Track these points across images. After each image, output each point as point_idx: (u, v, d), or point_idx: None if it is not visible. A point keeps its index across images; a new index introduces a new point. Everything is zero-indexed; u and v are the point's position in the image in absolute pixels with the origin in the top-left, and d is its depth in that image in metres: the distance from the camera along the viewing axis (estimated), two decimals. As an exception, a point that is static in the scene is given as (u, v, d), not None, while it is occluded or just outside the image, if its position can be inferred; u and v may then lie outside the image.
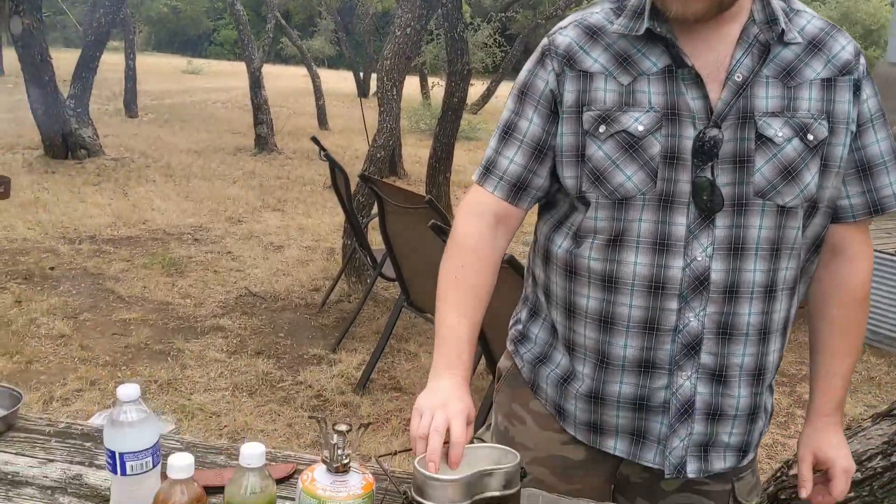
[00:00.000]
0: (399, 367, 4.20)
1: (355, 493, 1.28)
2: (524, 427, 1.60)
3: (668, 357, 1.41)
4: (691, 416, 1.44)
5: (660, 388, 1.43)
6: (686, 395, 1.43)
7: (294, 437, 3.47)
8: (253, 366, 4.11)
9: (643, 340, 1.42)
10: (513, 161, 1.46)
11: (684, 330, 1.40)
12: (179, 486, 1.14)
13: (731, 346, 1.41)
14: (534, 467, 1.59)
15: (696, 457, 1.46)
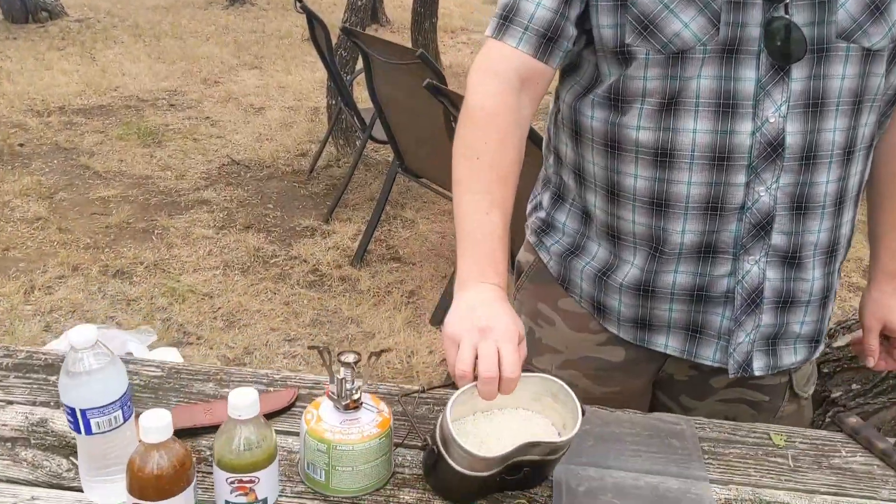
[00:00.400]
0: (396, 235, 4.00)
1: (369, 433, 1.08)
2: (553, 329, 1.40)
3: (734, 240, 1.22)
4: (759, 306, 1.26)
5: (722, 275, 1.25)
6: (753, 282, 1.25)
7: (293, 317, 3.31)
8: (243, 241, 3.90)
9: (704, 223, 1.22)
10: (540, 4, 1.18)
11: (753, 207, 1.20)
12: (156, 451, 0.94)
13: (806, 222, 1.23)
14: (564, 371, 1.41)
15: (764, 351, 1.29)
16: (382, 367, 3.02)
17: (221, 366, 1.35)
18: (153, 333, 2.52)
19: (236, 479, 1.00)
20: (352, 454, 1.07)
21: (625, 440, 1.24)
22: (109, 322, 3.25)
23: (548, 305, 1.41)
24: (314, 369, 3.00)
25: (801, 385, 1.41)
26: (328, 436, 1.07)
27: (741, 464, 1.22)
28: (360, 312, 3.33)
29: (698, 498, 1.14)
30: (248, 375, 1.34)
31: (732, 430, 1.30)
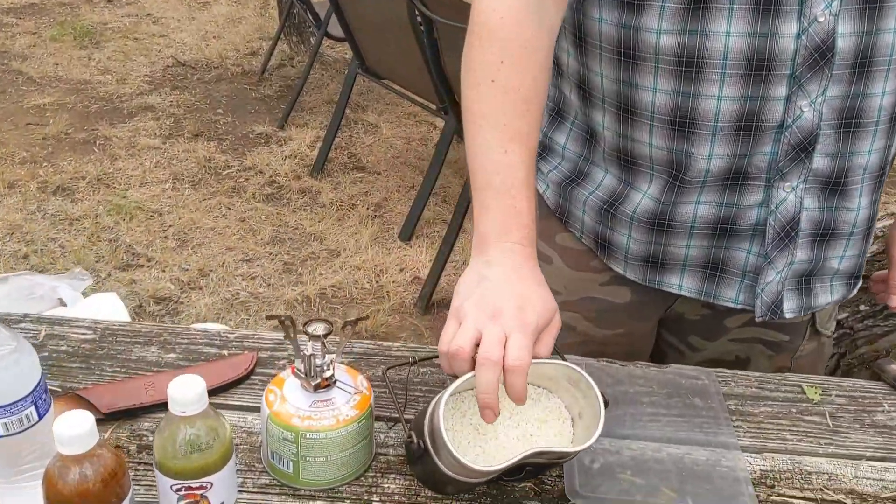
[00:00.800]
0: (359, 141, 3.75)
1: (346, 416, 0.90)
2: (550, 267, 1.22)
3: (768, 164, 1.04)
4: (793, 240, 1.09)
5: (752, 205, 1.07)
6: (788, 212, 1.07)
7: (250, 234, 3.09)
8: (192, 151, 3.62)
9: (735, 145, 1.03)
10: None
11: (794, 125, 1.01)
12: (77, 464, 0.74)
13: (856, 142, 1.04)
14: (562, 314, 1.23)
15: (796, 291, 1.13)
16: (350, 288, 2.84)
17: (166, 325, 1.14)
18: (87, 277, 2.28)
19: (183, 486, 0.82)
20: (325, 443, 0.89)
21: (641, 401, 1.08)
22: (51, 244, 3.00)
23: (544, 241, 1.22)
24: (276, 291, 2.81)
25: (823, 322, 1.25)
26: (296, 422, 0.89)
27: (774, 426, 1.06)
28: (323, 228, 3.12)
29: (730, 471, 0.98)
30: (197, 336, 1.14)
31: (760, 383, 1.13)
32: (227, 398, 1.04)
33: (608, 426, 1.03)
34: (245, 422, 1.01)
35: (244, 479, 0.93)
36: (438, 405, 0.84)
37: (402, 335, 2.65)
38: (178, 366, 1.08)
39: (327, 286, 2.83)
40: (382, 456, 0.97)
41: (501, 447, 0.90)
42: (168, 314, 2.73)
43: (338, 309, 2.74)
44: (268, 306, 2.75)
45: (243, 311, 2.74)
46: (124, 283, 2.82)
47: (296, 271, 2.91)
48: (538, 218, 1.21)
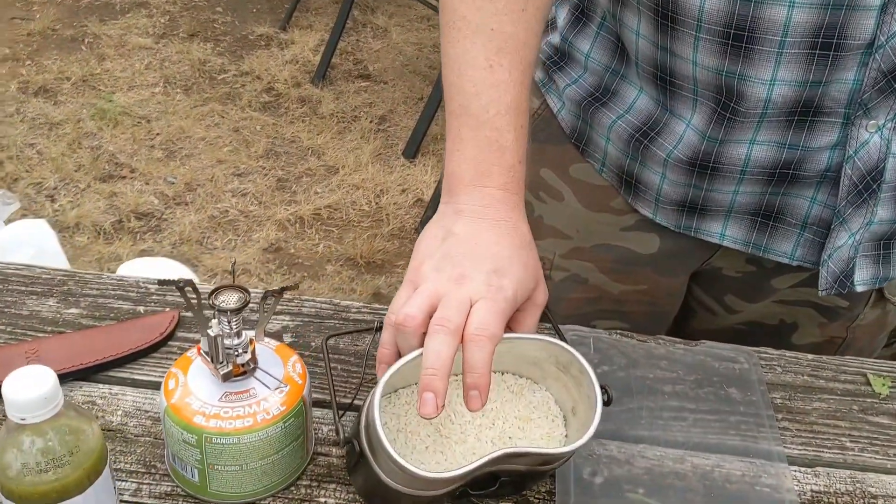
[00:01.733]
0: (365, 47, 3.44)
1: (266, 415, 0.67)
2: (560, 205, 0.99)
3: (850, 95, 0.78)
4: (874, 195, 0.83)
5: (824, 147, 0.82)
6: (871, 158, 0.81)
7: (243, 146, 2.84)
8: (186, 53, 3.34)
9: (808, 69, 0.77)
10: None
11: (888, 45, 0.75)
12: None
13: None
14: (570, 261, 1.01)
15: (872, 258, 0.88)
16: (347, 209, 2.60)
17: (73, 271, 0.92)
18: (14, 201, 2.04)
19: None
20: (237, 449, 0.67)
21: (662, 391, 0.85)
22: (29, 150, 2.78)
23: (554, 172, 0.98)
24: (267, 210, 2.58)
25: (894, 288, 0.99)
26: (199, 421, 0.66)
27: (830, 429, 0.83)
28: (322, 142, 2.86)
29: (773, 492, 0.76)
30: (109, 286, 0.91)
31: (814, 368, 0.90)
32: (133, 371, 0.82)
33: (617, 425, 0.81)
34: (152, 404, 0.79)
35: (138, 485, 0.72)
36: (374, 392, 0.62)
37: (400, 263, 2.43)
38: (79, 325, 0.86)
39: (323, 206, 2.60)
40: (323, 458, 0.76)
41: (471, 453, 0.68)
42: (150, 231, 2.51)
43: (332, 231, 2.52)
44: (258, 226, 2.53)
45: (231, 230, 2.52)
46: (104, 196, 2.61)
47: (290, 188, 2.68)
48: (549, 142, 0.97)
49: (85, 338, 0.83)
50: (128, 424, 0.77)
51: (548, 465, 0.66)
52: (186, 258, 2.37)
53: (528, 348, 0.70)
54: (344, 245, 2.46)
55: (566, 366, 0.69)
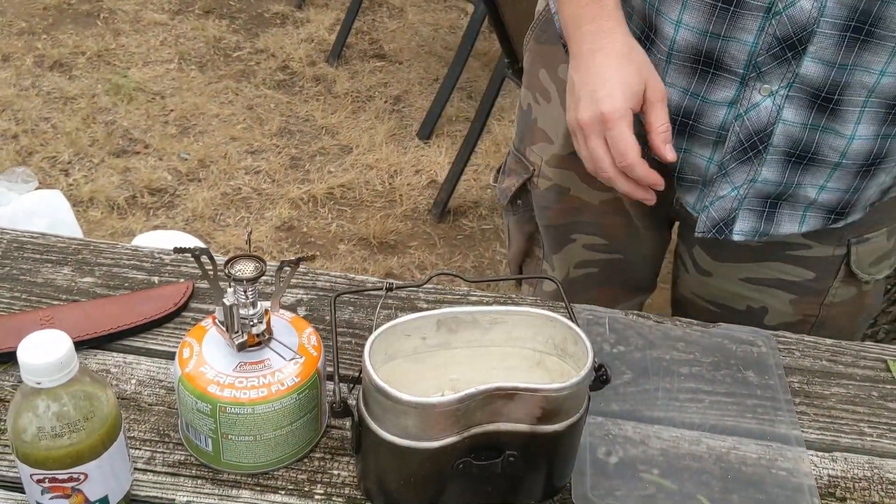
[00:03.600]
0: (381, 27, 3.42)
1: (281, 386, 0.67)
2: (549, 106, 1.02)
3: (746, 56, 0.82)
4: (759, 155, 0.86)
5: (721, 102, 0.85)
6: (760, 120, 0.84)
7: (257, 124, 2.83)
8: (202, 29, 3.33)
9: (708, 20, 0.81)
10: None
11: (785, 12, 0.77)
12: None
13: (864, 54, 0.78)
14: (555, 170, 1.04)
15: (756, 213, 0.90)
16: (361, 189, 2.59)
17: (88, 240, 0.91)
18: (33, 178, 2.03)
19: (46, 478, 0.60)
20: (251, 419, 0.67)
21: (678, 372, 0.84)
22: (44, 124, 2.78)
23: (548, 72, 1.01)
24: (280, 188, 2.58)
25: (864, 264, 0.99)
26: (213, 391, 0.66)
27: (849, 415, 0.82)
28: (336, 121, 2.85)
29: (790, 476, 0.75)
30: (123, 255, 0.91)
31: (833, 353, 0.89)
32: (147, 340, 0.82)
33: (633, 405, 0.80)
34: (166, 374, 0.79)
35: (152, 453, 0.72)
36: (364, 353, 0.63)
37: (413, 244, 2.42)
38: (94, 294, 0.86)
39: (336, 185, 2.59)
40: (336, 431, 0.75)
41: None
42: (163, 206, 2.51)
43: (345, 211, 2.51)
44: (271, 204, 2.53)
45: (244, 207, 2.51)
46: (118, 171, 2.60)
47: (303, 167, 2.67)
48: (547, 43, 1.00)
49: (99, 306, 0.83)
50: (142, 393, 0.77)
51: (550, 421, 0.65)
52: (199, 234, 2.37)
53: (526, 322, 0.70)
54: (357, 225, 2.46)
55: (560, 344, 0.69)
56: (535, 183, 1.06)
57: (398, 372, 0.68)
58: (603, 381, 0.68)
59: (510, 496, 0.70)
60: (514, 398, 0.63)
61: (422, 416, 0.62)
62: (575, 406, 0.66)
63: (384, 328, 0.66)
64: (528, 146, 1.07)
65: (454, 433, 0.63)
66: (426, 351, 0.70)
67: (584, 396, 0.66)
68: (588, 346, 0.66)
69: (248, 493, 0.69)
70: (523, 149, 1.08)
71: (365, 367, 0.63)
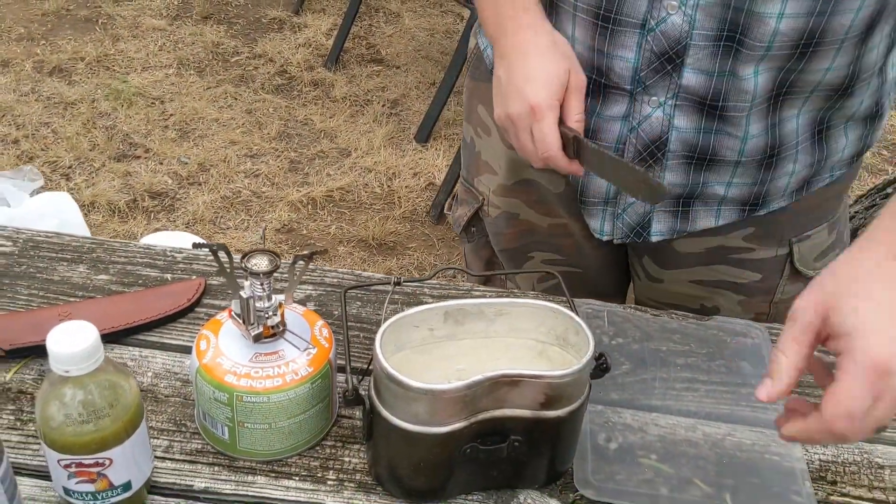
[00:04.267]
0: (378, 31, 3.46)
1: (294, 376, 0.70)
2: (489, 140, 1.05)
3: (631, 72, 0.86)
4: (659, 162, 0.89)
5: (615, 117, 0.89)
6: (654, 130, 0.87)
7: (256, 128, 2.86)
8: (200, 35, 3.36)
9: (593, 37, 0.85)
10: None
11: (658, 29, 0.81)
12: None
13: (737, 63, 0.81)
14: (502, 199, 1.07)
15: (670, 213, 0.94)
16: (359, 192, 2.62)
17: (102, 239, 0.94)
18: (39, 178, 2.06)
19: (73, 462, 0.63)
20: (266, 408, 0.70)
21: (675, 363, 0.87)
22: (44, 129, 2.80)
23: (486, 109, 1.03)
24: (280, 191, 2.60)
25: (808, 261, 1.02)
26: (230, 380, 0.69)
27: (840, 402, 0.85)
28: (335, 125, 2.88)
29: (783, 461, 0.78)
30: (137, 253, 0.94)
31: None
32: (162, 335, 0.85)
33: (632, 394, 0.83)
34: (182, 367, 0.81)
35: (170, 442, 0.74)
36: (375, 343, 0.66)
37: (412, 245, 2.45)
38: (109, 291, 0.89)
39: (335, 188, 2.62)
40: (347, 420, 0.78)
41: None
42: (164, 210, 2.54)
43: (344, 213, 2.54)
44: (270, 206, 2.56)
45: (243, 210, 2.54)
46: (119, 175, 2.63)
47: (302, 170, 2.70)
48: (481, 79, 1.04)
49: (115, 302, 0.86)
50: (158, 385, 0.79)
51: (554, 407, 0.68)
52: (200, 237, 2.39)
53: (529, 315, 0.73)
54: (356, 227, 2.49)
55: (563, 335, 0.72)
56: (486, 211, 1.10)
57: (407, 362, 0.71)
58: (603, 370, 0.71)
59: (515, 480, 0.73)
60: (519, 385, 0.66)
61: (431, 402, 0.65)
62: (576, 393, 0.69)
63: (394, 319, 0.69)
64: (476, 177, 1.10)
65: (462, 419, 0.66)
66: (434, 342, 0.73)
67: (585, 384, 0.70)
68: (589, 335, 0.69)
69: (264, 479, 0.72)
70: (471, 179, 1.11)
71: (376, 356, 0.65)
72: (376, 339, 0.67)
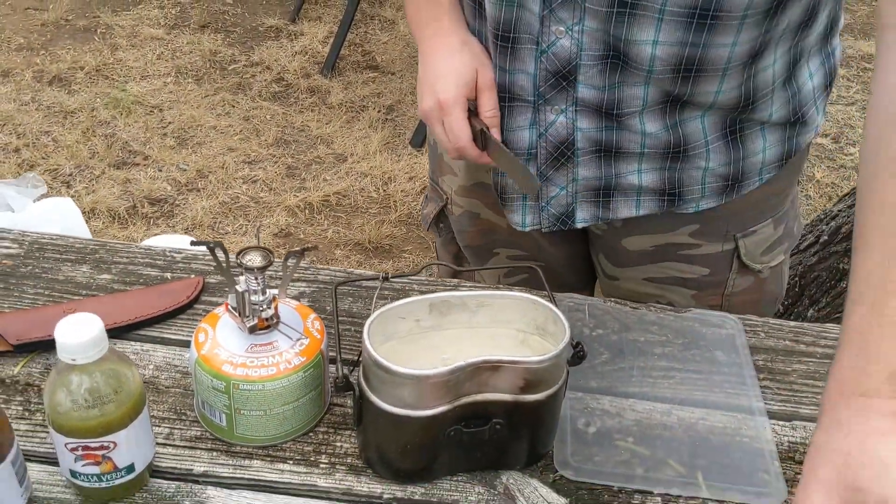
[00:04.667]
0: (374, 39, 3.51)
1: (287, 365, 0.74)
2: None
3: (532, 86, 0.92)
4: (570, 160, 0.95)
5: (523, 126, 0.95)
6: (560, 133, 0.94)
7: (253, 135, 2.91)
8: (197, 43, 3.41)
9: (497, 54, 0.93)
10: None
11: (550, 51, 0.88)
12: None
13: (626, 78, 0.88)
14: (464, 199, 1.13)
15: (591, 203, 1.00)
16: (356, 196, 2.67)
17: (104, 240, 0.98)
18: (42, 184, 2.10)
19: (80, 446, 0.67)
20: (261, 395, 0.74)
21: (652, 353, 0.91)
22: (44, 137, 2.85)
23: None
24: (277, 196, 2.65)
25: (755, 255, 1.06)
26: (227, 370, 0.73)
27: (808, 388, 0.89)
28: (331, 131, 2.93)
29: (753, 442, 0.82)
30: (138, 254, 0.98)
31: (796, 335, 0.96)
32: (163, 330, 0.89)
33: (610, 382, 0.87)
34: (181, 360, 0.86)
35: (171, 429, 0.79)
36: (363, 331, 0.71)
37: (408, 248, 2.49)
38: (112, 289, 0.93)
39: (332, 193, 2.66)
40: (339, 409, 0.82)
41: None
42: (163, 216, 2.58)
43: (341, 217, 2.58)
44: (268, 212, 2.60)
45: (242, 216, 2.58)
46: (118, 182, 2.67)
47: (299, 176, 2.74)
48: None
49: (117, 300, 0.90)
50: (159, 377, 0.83)
51: (533, 391, 0.72)
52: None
53: (507, 306, 0.77)
54: (353, 230, 2.53)
55: (542, 326, 0.76)
56: (451, 210, 1.15)
57: (394, 352, 0.75)
58: (580, 357, 0.75)
59: (498, 462, 0.77)
60: (500, 370, 0.70)
61: (416, 386, 0.69)
62: (554, 378, 0.73)
63: (381, 310, 0.74)
64: (440, 176, 1.15)
65: (445, 402, 0.70)
66: (420, 332, 0.77)
67: (562, 369, 0.74)
68: (566, 324, 0.73)
69: (260, 463, 0.76)
70: (436, 178, 1.16)
71: (364, 345, 0.70)
72: (364, 329, 0.71)
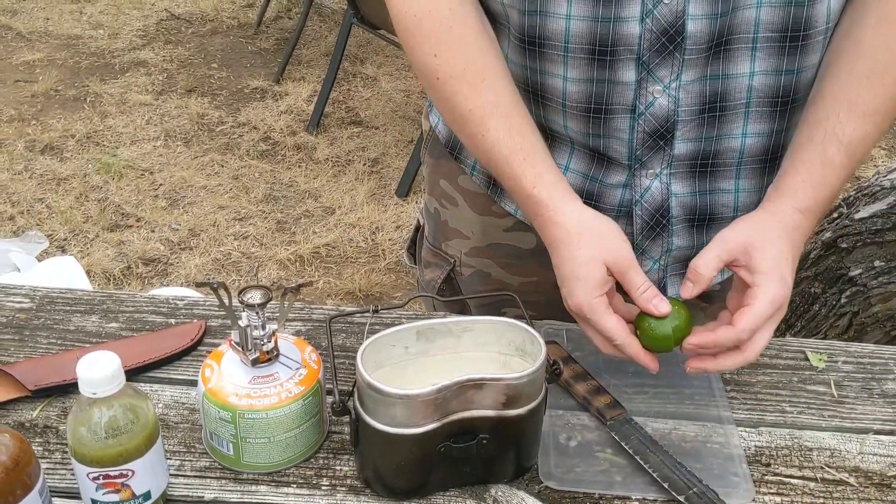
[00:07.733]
0: (356, 95, 3.62)
1: (288, 394, 0.80)
2: (457, 210, 1.14)
3: (627, 150, 0.96)
4: (666, 228, 1.00)
5: (616, 185, 0.98)
6: (655, 200, 0.98)
7: (243, 192, 2.99)
8: (185, 107, 3.51)
9: (587, 125, 0.95)
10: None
11: (647, 112, 0.92)
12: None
13: (724, 126, 0.94)
14: (475, 259, 1.16)
15: (682, 276, 1.01)
16: (345, 247, 2.74)
17: (110, 291, 1.05)
18: (44, 240, 2.18)
19: (101, 475, 0.73)
20: (265, 423, 0.80)
21: (626, 371, 0.98)
22: (38, 204, 2.92)
23: (449, 183, 1.14)
24: (268, 251, 2.72)
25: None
26: (233, 401, 0.80)
27: (772, 397, 0.96)
28: (319, 185, 3.02)
29: (723, 448, 0.89)
30: (143, 303, 1.05)
31: (759, 349, 1.03)
32: (169, 371, 0.95)
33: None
34: (188, 398, 0.92)
35: (181, 461, 0.84)
36: (357, 358, 0.77)
37: (397, 294, 2.56)
38: (120, 336, 1.00)
39: (321, 245, 2.74)
40: (336, 435, 0.89)
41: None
42: (157, 275, 2.64)
43: (331, 268, 2.66)
44: (260, 266, 2.67)
45: (234, 271, 2.65)
46: (113, 244, 2.74)
47: (289, 230, 2.82)
48: (440, 157, 1.13)
49: (126, 345, 0.96)
50: (168, 414, 0.90)
51: (515, 406, 0.78)
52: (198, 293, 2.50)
53: (489, 329, 0.84)
54: (343, 280, 2.60)
55: (522, 347, 0.83)
56: (459, 271, 1.17)
57: (386, 378, 0.81)
58: (556, 374, 0.82)
59: (486, 476, 0.83)
60: (483, 387, 0.77)
61: (407, 405, 0.75)
62: (534, 393, 0.79)
63: (373, 339, 0.80)
64: (444, 242, 1.18)
65: (435, 420, 0.77)
66: (409, 358, 0.84)
67: (541, 384, 0.80)
68: (542, 343, 0.80)
69: (266, 488, 0.82)
70: (439, 244, 1.18)
71: (358, 369, 0.76)
72: (358, 356, 0.78)
